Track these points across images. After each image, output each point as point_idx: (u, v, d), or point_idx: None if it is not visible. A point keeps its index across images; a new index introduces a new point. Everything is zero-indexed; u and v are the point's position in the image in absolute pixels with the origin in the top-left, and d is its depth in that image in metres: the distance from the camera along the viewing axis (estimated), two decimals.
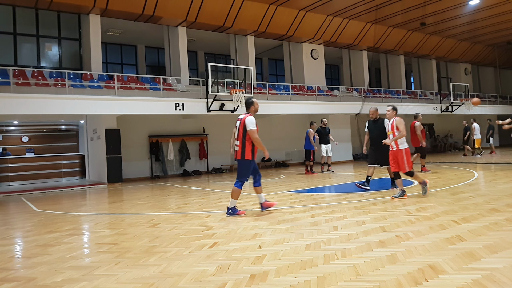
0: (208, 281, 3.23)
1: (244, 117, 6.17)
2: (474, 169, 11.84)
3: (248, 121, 6.08)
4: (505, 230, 4.34)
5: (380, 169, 8.43)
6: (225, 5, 15.89)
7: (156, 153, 15.89)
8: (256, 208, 6.82)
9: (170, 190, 10.76)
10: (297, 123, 20.15)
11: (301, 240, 4.39)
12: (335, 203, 6.95)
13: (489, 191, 7.29)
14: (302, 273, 3.28)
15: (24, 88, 12.17)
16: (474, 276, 2.97)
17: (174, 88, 15.04)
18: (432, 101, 23.32)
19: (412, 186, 8.71)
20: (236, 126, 6.31)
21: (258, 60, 22.83)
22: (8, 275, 3.68)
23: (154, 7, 14.65)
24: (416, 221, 5.02)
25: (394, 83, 24.38)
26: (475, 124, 18.71)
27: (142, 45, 19.52)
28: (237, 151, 6.22)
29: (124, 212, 7.33)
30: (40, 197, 10.81)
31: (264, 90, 17.15)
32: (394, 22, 20.22)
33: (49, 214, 7.62)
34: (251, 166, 6.27)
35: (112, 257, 4.13)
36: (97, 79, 14.03)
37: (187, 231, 5.20)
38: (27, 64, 14.62)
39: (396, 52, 23.58)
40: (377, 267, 3.31)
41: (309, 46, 19.96)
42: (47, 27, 14.88)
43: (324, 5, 17.26)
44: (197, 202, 8.02)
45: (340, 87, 20.99)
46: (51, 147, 18.01)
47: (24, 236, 5.64)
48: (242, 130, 6.13)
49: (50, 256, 4.29)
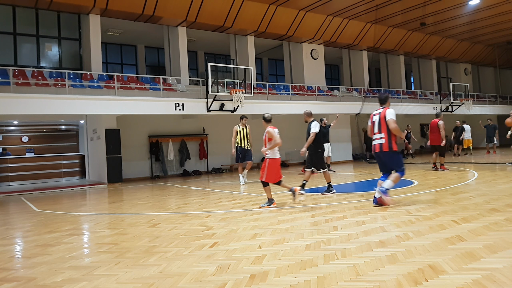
0: (208, 281, 3.23)
1: (384, 110, 6.40)
2: (474, 169, 11.84)
3: (389, 112, 6.32)
4: (505, 230, 4.34)
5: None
6: (225, 5, 15.89)
7: (156, 153, 15.88)
8: (255, 208, 6.82)
9: (170, 190, 10.76)
10: (297, 123, 20.12)
11: (301, 240, 4.39)
12: (335, 203, 6.95)
13: (489, 191, 7.29)
14: (302, 273, 3.28)
15: (24, 88, 12.17)
16: (474, 276, 2.97)
17: (174, 88, 15.04)
18: (432, 101, 23.32)
19: (412, 186, 8.72)
20: (374, 120, 6.48)
21: (258, 60, 22.83)
22: (8, 275, 3.68)
23: (154, 7, 14.65)
24: (416, 221, 5.02)
25: (394, 83, 24.38)
26: (466, 125, 19.16)
27: (142, 45, 19.52)
28: (382, 144, 6.32)
29: (124, 212, 7.33)
30: (40, 197, 10.81)
31: (264, 90, 17.15)
32: (394, 22, 20.22)
33: (49, 214, 7.62)
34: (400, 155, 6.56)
35: (112, 257, 4.13)
36: (97, 79, 14.03)
37: (187, 231, 5.20)
38: (27, 64, 14.62)
39: (396, 52, 23.58)
40: (377, 267, 3.31)
41: (309, 46, 19.96)
42: (47, 27, 14.88)
43: (324, 5, 17.26)
44: (197, 202, 8.02)
45: (340, 87, 20.99)
46: (51, 147, 18.02)
47: (24, 236, 5.64)
48: (384, 122, 6.30)
49: (50, 256, 4.29)
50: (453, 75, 26.66)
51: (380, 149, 6.35)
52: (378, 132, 6.41)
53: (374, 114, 6.59)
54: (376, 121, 6.45)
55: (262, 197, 8.13)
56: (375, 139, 6.45)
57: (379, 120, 6.41)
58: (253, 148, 11.69)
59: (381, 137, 6.34)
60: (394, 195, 7.39)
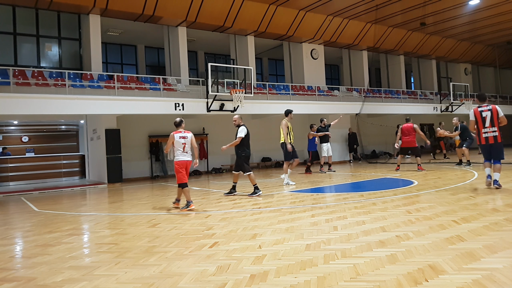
0: (208, 281, 3.23)
1: (493, 106, 7.49)
2: (474, 169, 11.84)
3: (499, 109, 7.51)
4: (505, 230, 4.34)
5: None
6: (225, 5, 15.89)
7: (156, 153, 15.88)
8: (255, 208, 6.82)
9: (170, 190, 10.75)
10: (297, 123, 20.13)
11: (301, 240, 4.39)
12: (335, 203, 6.95)
13: (489, 191, 7.29)
14: (302, 273, 3.28)
15: (24, 88, 12.17)
16: (474, 276, 2.97)
17: (174, 88, 15.04)
18: (432, 101, 23.32)
19: (412, 186, 8.72)
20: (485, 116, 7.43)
21: (258, 60, 22.83)
22: (8, 275, 3.68)
23: (154, 7, 14.65)
24: (416, 221, 5.02)
25: (394, 83, 24.39)
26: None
27: (142, 45, 19.52)
28: (496, 136, 7.37)
29: (124, 212, 7.33)
30: (40, 197, 10.81)
31: (264, 90, 17.14)
32: (394, 22, 20.22)
33: (49, 214, 7.62)
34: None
35: (112, 257, 4.13)
36: (97, 79, 14.02)
37: (187, 231, 5.20)
38: (27, 64, 14.63)
39: (396, 52, 23.58)
40: (377, 267, 3.31)
41: (309, 46, 19.96)
42: (47, 27, 14.88)
43: (324, 5, 17.27)
44: (197, 202, 8.01)
45: (340, 87, 20.99)
46: (51, 147, 18.02)
47: (24, 236, 5.64)
48: (496, 117, 7.40)
49: (50, 256, 4.29)
50: (453, 75, 26.67)
51: (495, 140, 7.37)
52: (490, 125, 7.40)
53: (482, 110, 7.50)
54: (488, 116, 7.40)
55: (262, 197, 8.13)
56: (487, 132, 7.40)
57: (491, 115, 7.40)
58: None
59: (494, 130, 7.37)
60: (394, 195, 7.39)
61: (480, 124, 7.47)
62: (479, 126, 7.48)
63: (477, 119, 7.50)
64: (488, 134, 7.40)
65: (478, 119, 7.49)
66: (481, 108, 7.54)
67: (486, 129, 7.41)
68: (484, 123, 7.43)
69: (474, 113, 7.59)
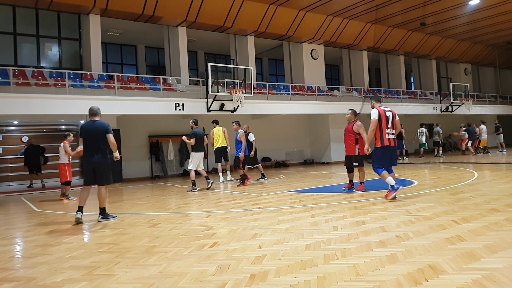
0: (208, 281, 3.23)
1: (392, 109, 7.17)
2: (474, 169, 11.84)
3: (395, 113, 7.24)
4: (505, 230, 4.34)
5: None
6: (225, 5, 15.89)
7: (156, 153, 15.88)
8: (255, 208, 6.82)
9: (170, 190, 10.75)
10: (297, 123, 20.16)
11: (301, 240, 4.39)
12: (335, 203, 6.95)
13: (489, 191, 7.29)
14: (302, 273, 3.28)
15: (24, 88, 12.18)
16: (474, 276, 2.97)
17: (174, 88, 15.05)
18: (432, 101, 23.33)
19: (412, 186, 8.72)
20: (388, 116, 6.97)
21: (258, 60, 22.83)
22: (8, 275, 3.68)
23: (154, 7, 14.66)
24: (416, 221, 5.02)
25: (394, 83, 24.39)
26: (482, 126, 19.51)
27: (142, 45, 19.53)
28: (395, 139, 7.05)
29: (124, 212, 7.34)
30: (40, 197, 10.81)
31: (264, 90, 17.15)
32: (394, 22, 20.22)
33: (49, 214, 7.62)
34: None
35: (112, 257, 4.12)
36: (97, 79, 14.03)
37: (187, 231, 5.20)
38: (27, 64, 14.63)
39: (396, 52, 23.58)
40: (377, 267, 3.31)
41: (309, 46, 19.96)
42: (47, 27, 14.89)
43: (324, 5, 17.27)
44: (197, 202, 8.02)
45: (340, 87, 21.00)
46: (51, 147, 17.99)
47: (24, 236, 5.64)
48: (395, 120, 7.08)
49: (50, 256, 4.29)
50: (453, 75, 26.67)
51: (395, 143, 7.00)
52: (391, 127, 6.97)
53: (385, 110, 6.99)
54: (390, 117, 6.98)
55: (262, 197, 8.14)
56: (389, 134, 6.93)
57: (392, 117, 7.00)
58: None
59: (393, 133, 6.99)
60: None
61: (384, 124, 6.87)
62: (382, 127, 6.86)
63: (381, 119, 6.87)
64: (391, 136, 6.92)
65: (383, 118, 6.88)
66: (384, 108, 7.03)
67: (389, 130, 6.91)
68: (387, 123, 6.90)
69: (378, 112, 6.90)
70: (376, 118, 6.87)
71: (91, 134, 6.39)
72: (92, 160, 6.39)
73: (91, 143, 6.41)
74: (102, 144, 6.45)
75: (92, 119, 6.52)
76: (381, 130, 6.87)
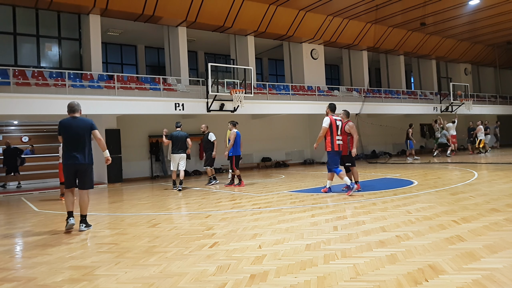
0: (208, 281, 3.23)
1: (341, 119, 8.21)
2: (474, 169, 11.84)
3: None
4: (505, 230, 4.34)
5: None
6: (225, 5, 15.89)
7: (156, 153, 15.88)
8: (255, 208, 6.82)
9: (170, 190, 10.76)
10: (297, 123, 20.15)
11: (301, 240, 4.39)
12: (335, 203, 6.95)
13: (489, 191, 7.29)
14: (302, 273, 3.28)
15: (24, 88, 12.17)
16: (474, 276, 2.97)
17: (174, 88, 15.04)
18: (432, 101, 23.33)
19: (412, 186, 8.72)
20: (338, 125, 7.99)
21: (258, 60, 22.83)
22: (8, 275, 3.68)
23: (154, 7, 14.65)
24: (416, 221, 5.02)
25: (394, 83, 24.39)
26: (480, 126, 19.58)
27: (142, 45, 19.52)
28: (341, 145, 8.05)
29: (124, 212, 7.33)
30: (40, 197, 10.81)
31: (264, 90, 17.14)
32: (394, 22, 20.22)
33: (49, 214, 7.62)
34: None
35: (112, 257, 4.13)
36: (97, 79, 14.02)
37: (187, 231, 5.20)
38: (27, 64, 14.63)
39: (396, 52, 23.58)
40: (377, 267, 3.31)
41: (309, 46, 19.96)
42: (47, 27, 14.88)
43: (324, 5, 17.27)
44: (197, 202, 8.02)
45: (340, 87, 21.00)
46: (51, 147, 18.01)
47: (24, 236, 5.64)
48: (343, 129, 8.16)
49: (50, 256, 4.29)
50: (453, 75, 26.67)
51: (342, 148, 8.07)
52: (341, 134, 8.03)
53: (336, 119, 8.03)
54: (340, 125, 8.04)
55: (262, 197, 8.14)
56: (339, 140, 7.97)
57: (341, 126, 8.08)
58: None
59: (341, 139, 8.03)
60: (394, 195, 7.39)
61: (334, 131, 7.90)
62: (333, 134, 7.88)
63: (332, 127, 7.90)
64: (340, 142, 7.96)
65: (333, 126, 7.91)
66: (335, 117, 8.08)
67: (338, 137, 7.96)
68: (337, 130, 7.95)
69: (330, 120, 7.92)
70: (327, 126, 7.88)
71: (73, 132, 5.72)
72: (75, 161, 5.70)
73: (73, 142, 5.73)
74: (86, 142, 5.83)
75: (72, 116, 5.84)
76: (331, 136, 7.87)
